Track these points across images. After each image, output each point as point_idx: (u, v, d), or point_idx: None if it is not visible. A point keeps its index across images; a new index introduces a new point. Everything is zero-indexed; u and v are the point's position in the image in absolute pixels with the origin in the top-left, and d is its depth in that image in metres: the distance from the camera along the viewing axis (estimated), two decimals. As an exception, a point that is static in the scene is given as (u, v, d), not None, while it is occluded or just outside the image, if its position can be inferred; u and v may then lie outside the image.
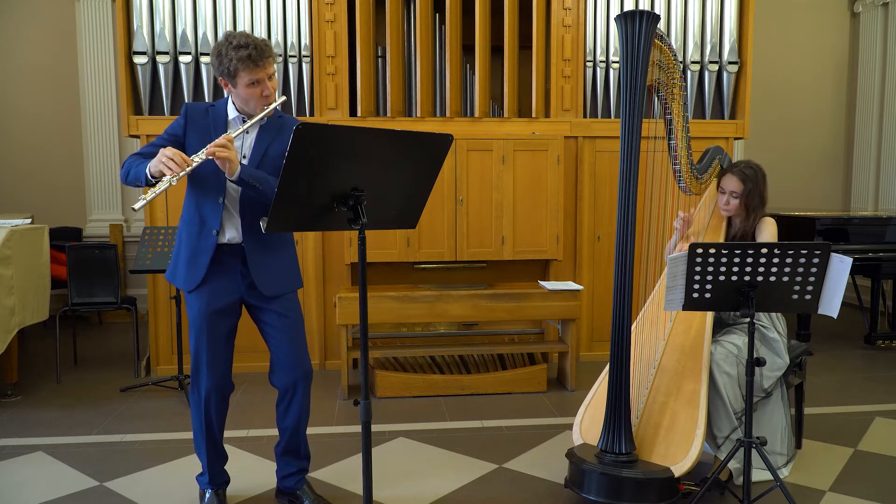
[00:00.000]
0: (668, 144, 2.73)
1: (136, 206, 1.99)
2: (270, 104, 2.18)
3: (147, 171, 2.06)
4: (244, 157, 2.26)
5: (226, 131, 2.21)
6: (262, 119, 2.20)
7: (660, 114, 2.75)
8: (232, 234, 2.26)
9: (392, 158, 1.91)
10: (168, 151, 2.02)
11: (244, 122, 2.22)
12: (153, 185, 2.04)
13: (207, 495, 2.44)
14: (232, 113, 2.25)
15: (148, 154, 2.15)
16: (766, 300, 2.21)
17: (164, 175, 2.00)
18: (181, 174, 2.00)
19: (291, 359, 2.34)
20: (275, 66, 2.20)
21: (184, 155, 2.05)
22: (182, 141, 2.24)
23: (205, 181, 2.22)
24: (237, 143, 2.24)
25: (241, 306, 2.36)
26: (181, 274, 2.29)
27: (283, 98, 2.26)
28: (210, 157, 2.06)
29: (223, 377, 2.35)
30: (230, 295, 2.30)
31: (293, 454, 2.46)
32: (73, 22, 5.92)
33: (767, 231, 2.77)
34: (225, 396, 2.39)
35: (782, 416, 2.73)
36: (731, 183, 2.77)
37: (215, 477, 2.45)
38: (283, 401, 2.41)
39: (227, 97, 2.27)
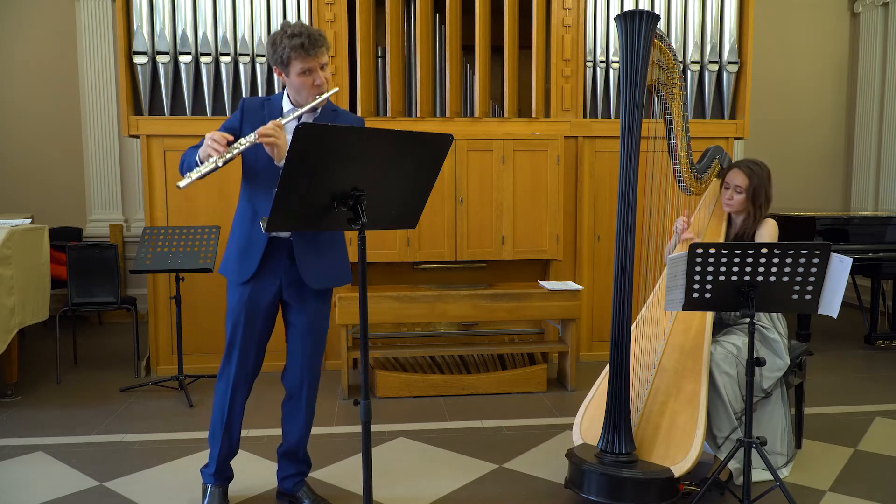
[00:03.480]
0: (668, 144, 2.73)
1: (181, 184, 2.03)
2: (322, 94, 2.20)
3: (197, 157, 2.13)
4: None
5: None
6: (314, 108, 2.21)
7: (660, 114, 2.75)
8: None
9: (392, 158, 1.91)
10: (212, 134, 2.09)
11: None
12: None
13: (209, 490, 2.43)
14: (287, 106, 2.28)
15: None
16: (766, 300, 2.21)
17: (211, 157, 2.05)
18: (227, 156, 2.05)
19: (304, 364, 2.38)
20: (327, 57, 2.22)
21: (227, 135, 2.10)
22: (238, 134, 2.27)
23: (259, 173, 2.25)
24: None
25: (279, 307, 2.38)
26: (232, 266, 2.31)
27: (336, 89, 2.27)
28: (258, 142, 2.09)
29: (252, 372, 2.39)
30: (271, 293, 2.31)
31: (293, 457, 2.47)
32: (73, 22, 5.91)
33: (767, 232, 2.76)
34: (250, 388, 2.41)
35: (782, 416, 2.72)
36: (738, 177, 2.77)
37: (221, 470, 2.44)
38: (289, 401, 2.44)
39: (283, 91, 2.31)
